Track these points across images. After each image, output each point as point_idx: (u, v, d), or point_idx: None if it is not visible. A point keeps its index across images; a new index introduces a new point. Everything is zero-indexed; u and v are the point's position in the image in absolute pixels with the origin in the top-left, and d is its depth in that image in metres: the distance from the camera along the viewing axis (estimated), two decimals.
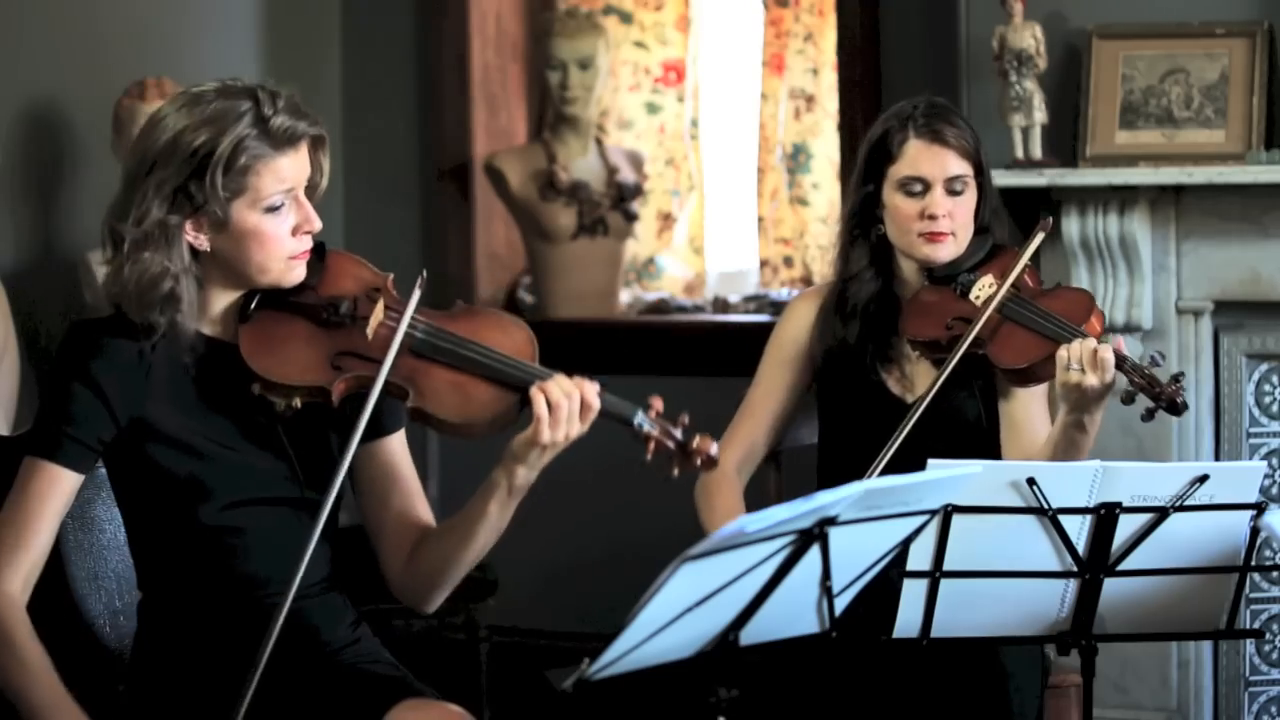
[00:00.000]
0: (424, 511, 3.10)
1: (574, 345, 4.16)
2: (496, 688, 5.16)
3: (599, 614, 4.22)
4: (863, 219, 3.68)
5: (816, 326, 3.71)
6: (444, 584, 3.05)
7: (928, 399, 3.50)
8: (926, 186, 3.61)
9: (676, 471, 2.91)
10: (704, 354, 5.41)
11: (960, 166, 3.62)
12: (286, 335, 2.95)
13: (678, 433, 2.89)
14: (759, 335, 3.88)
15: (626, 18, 5.96)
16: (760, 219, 5.78)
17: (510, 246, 5.94)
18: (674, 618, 2.64)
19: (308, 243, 2.96)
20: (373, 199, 5.77)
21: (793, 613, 2.81)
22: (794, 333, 3.74)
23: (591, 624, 5.13)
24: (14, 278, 4.84)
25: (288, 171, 2.91)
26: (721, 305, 5.79)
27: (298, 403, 2.93)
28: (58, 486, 2.95)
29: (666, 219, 5.98)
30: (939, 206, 3.60)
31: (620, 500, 5.36)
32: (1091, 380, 3.39)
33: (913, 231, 3.62)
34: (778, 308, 5.58)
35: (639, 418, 2.89)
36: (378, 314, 2.97)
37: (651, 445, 2.90)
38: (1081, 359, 3.39)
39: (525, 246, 5.89)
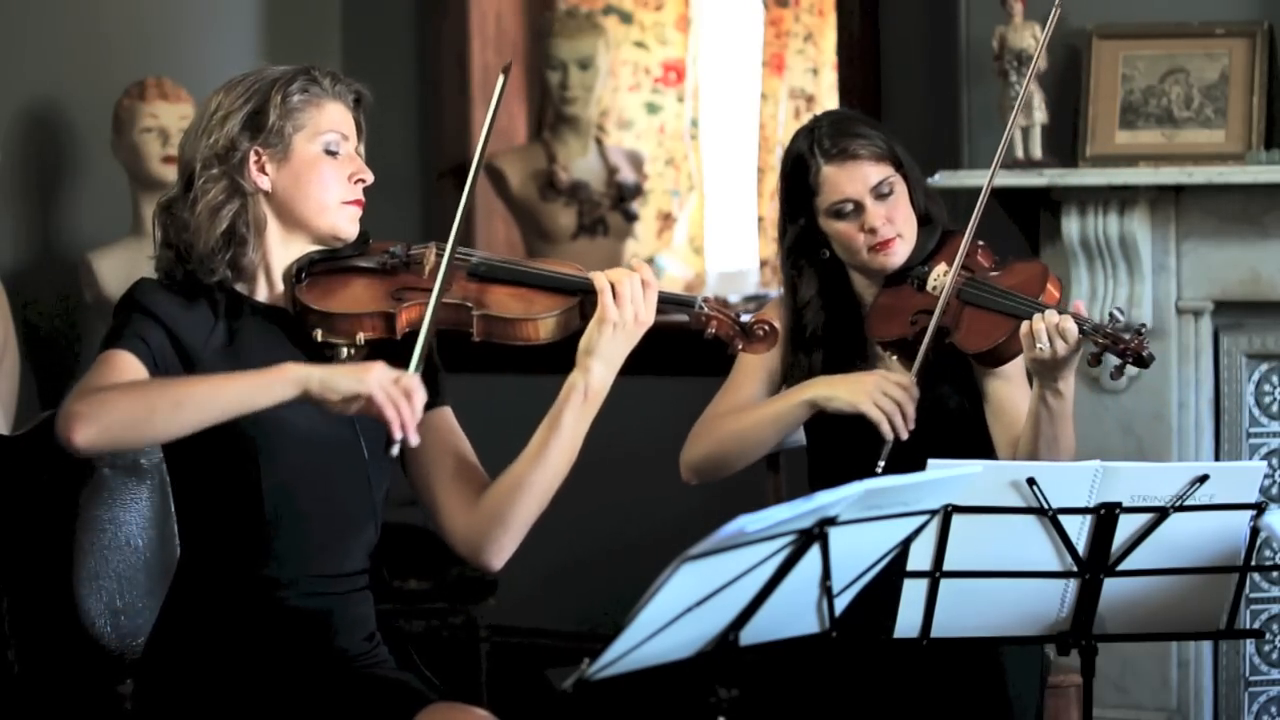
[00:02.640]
0: (481, 469, 3.11)
1: (574, 344, 4.15)
2: (496, 688, 5.16)
3: (599, 614, 4.23)
4: (805, 248, 3.67)
5: (784, 348, 3.69)
6: (513, 523, 3.03)
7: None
8: (857, 205, 3.60)
9: (740, 346, 3.07)
10: (704, 354, 5.41)
11: (879, 171, 3.61)
12: (345, 283, 3.05)
13: (735, 313, 3.07)
14: None
15: (626, 18, 5.96)
16: (760, 219, 5.78)
17: (510, 246, 5.94)
18: (674, 618, 2.64)
19: (360, 193, 3.08)
20: (373, 199, 5.76)
21: (793, 613, 2.81)
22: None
23: (591, 624, 5.14)
24: (14, 278, 4.84)
25: (340, 116, 3.07)
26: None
27: (361, 339, 2.98)
28: (125, 365, 2.92)
29: (666, 219, 5.98)
30: (875, 218, 3.59)
31: (620, 500, 5.37)
32: (1060, 351, 3.38)
33: (861, 249, 3.61)
34: None
35: (699, 303, 3.06)
36: (431, 255, 3.06)
37: (714, 324, 3.06)
38: (1047, 335, 3.38)
39: (525, 246, 5.90)
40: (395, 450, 2.82)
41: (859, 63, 5.27)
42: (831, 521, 2.70)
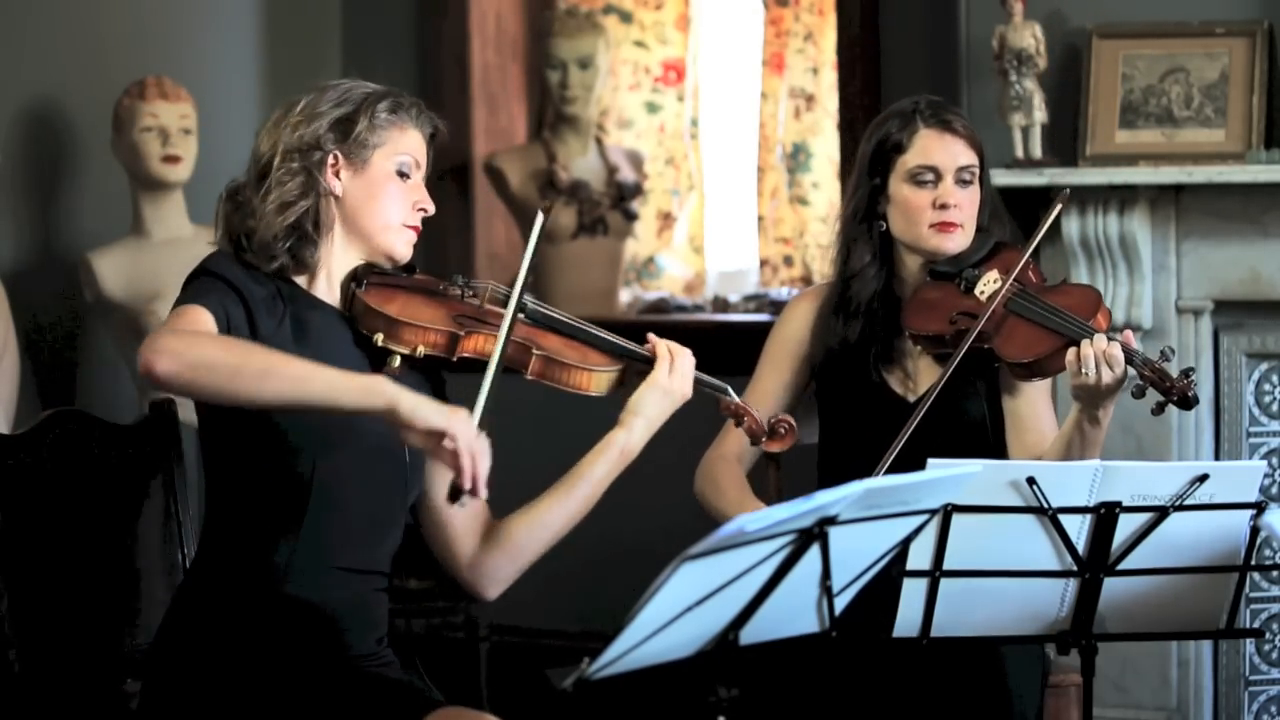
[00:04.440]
0: (486, 506, 3.18)
1: None
2: (496, 688, 5.16)
3: (599, 614, 4.23)
4: (866, 215, 3.67)
5: (816, 327, 3.71)
6: (524, 558, 3.20)
7: (934, 395, 3.49)
8: (938, 176, 3.61)
9: (764, 443, 3.27)
10: (704, 354, 5.39)
11: (969, 157, 3.63)
12: (408, 297, 3.11)
13: (760, 413, 3.27)
14: (759, 335, 3.87)
15: (626, 17, 5.96)
16: (760, 218, 5.78)
17: (510, 246, 5.94)
18: (674, 617, 2.64)
19: (419, 221, 3.14)
20: None
21: (793, 612, 2.81)
22: (792, 332, 3.74)
23: (591, 624, 5.14)
24: (14, 277, 4.84)
25: (417, 144, 3.15)
26: (721, 305, 5.80)
27: (421, 351, 3.05)
28: (203, 320, 2.94)
29: (666, 218, 5.98)
30: (951, 195, 3.60)
31: (620, 500, 5.35)
32: (1106, 379, 3.39)
33: (923, 223, 3.61)
34: (778, 307, 5.58)
35: (730, 393, 3.26)
36: (489, 290, 3.16)
37: (748, 421, 3.25)
38: (1095, 361, 3.39)
39: (525, 246, 5.89)
40: (464, 502, 2.87)
41: (859, 63, 5.27)
42: (831, 521, 2.70)
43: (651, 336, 3.20)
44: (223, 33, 5.51)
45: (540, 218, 3.13)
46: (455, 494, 2.85)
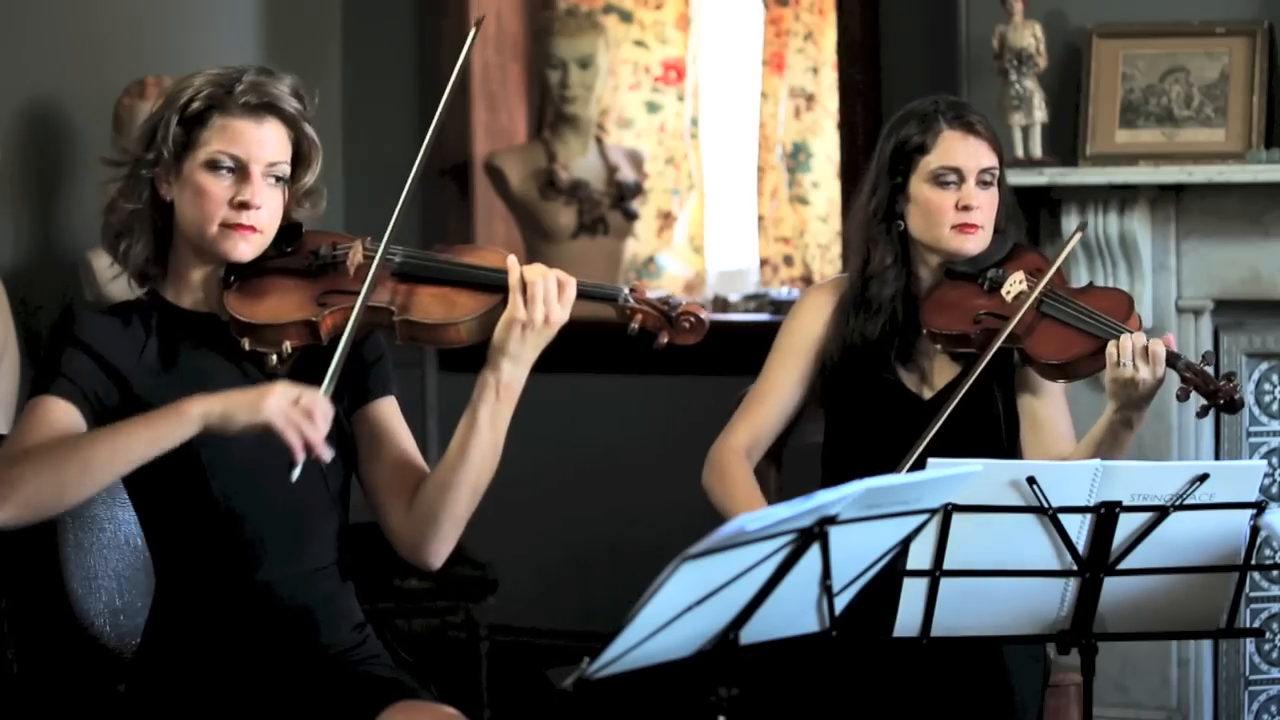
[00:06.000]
0: (422, 465, 3.09)
1: (573, 343, 4.15)
2: (496, 688, 5.16)
3: (599, 614, 4.23)
4: (885, 215, 3.66)
5: (832, 322, 3.69)
6: (445, 522, 3.01)
7: (961, 393, 3.48)
8: (960, 178, 3.60)
9: (666, 339, 3.04)
10: (704, 353, 5.40)
11: (990, 158, 3.62)
12: (271, 288, 3.00)
13: (662, 303, 3.04)
14: (759, 334, 3.87)
15: (626, 16, 5.96)
16: (760, 218, 5.78)
17: (510, 245, 5.94)
18: (674, 617, 2.64)
19: (246, 219, 2.98)
20: (373, 198, 5.78)
21: (793, 612, 2.81)
22: (807, 326, 3.72)
23: (591, 624, 5.14)
24: (14, 277, 4.83)
25: (241, 136, 2.97)
26: (721, 304, 5.80)
27: (288, 347, 2.95)
28: (53, 414, 2.91)
29: (666, 218, 5.98)
30: (974, 197, 3.59)
31: (620, 500, 5.37)
32: (1144, 375, 3.38)
33: (944, 224, 3.60)
34: (778, 306, 5.58)
35: (623, 295, 3.04)
36: (356, 252, 3.02)
37: (639, 317, 3.04)
38: (1133, 354, 3.38)
39: (525, 245, 5.90)
40: (295, 474, 2.79)
41: (859, 62, 5.27)
42: (832, 520, 2.70)
43: (510, 261, 3.01)
44: (223, 33, 5.51)
45: (472, 31, 3.09)
46: (289, 466, 2.80)
